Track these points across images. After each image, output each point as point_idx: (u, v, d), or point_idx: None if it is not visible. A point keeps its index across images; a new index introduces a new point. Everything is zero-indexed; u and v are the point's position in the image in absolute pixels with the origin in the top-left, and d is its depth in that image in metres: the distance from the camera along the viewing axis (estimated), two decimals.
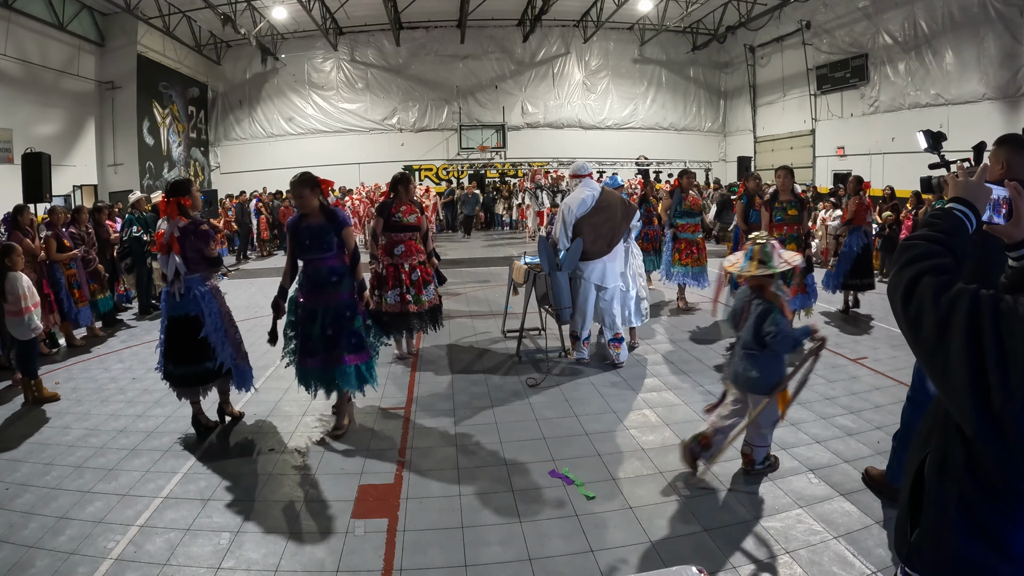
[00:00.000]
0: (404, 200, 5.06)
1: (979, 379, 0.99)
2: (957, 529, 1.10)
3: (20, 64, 11.98)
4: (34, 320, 4.60)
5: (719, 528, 2.80)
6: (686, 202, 7.12)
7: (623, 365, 5.15)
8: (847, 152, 15.55)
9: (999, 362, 0.97)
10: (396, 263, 5.03)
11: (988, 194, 1.23)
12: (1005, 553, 1.06)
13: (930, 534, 1.16)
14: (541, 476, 3.34)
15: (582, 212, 4.96)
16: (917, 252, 1.15)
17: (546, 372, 5.04)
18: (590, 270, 5.04)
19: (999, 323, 0.99)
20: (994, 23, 11.24)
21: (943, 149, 2.99)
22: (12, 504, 3.12)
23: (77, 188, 13.79)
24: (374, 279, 5.10)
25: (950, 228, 1.19)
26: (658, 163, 19.87)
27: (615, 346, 5.15)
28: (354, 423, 4.08)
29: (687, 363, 5.29)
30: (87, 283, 6.63)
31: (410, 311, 5.03)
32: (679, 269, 7.13)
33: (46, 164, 8.40)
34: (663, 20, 17.66)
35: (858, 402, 4.30)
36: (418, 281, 5.05)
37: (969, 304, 1.02)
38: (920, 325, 1.07)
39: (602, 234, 4.98)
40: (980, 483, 1.08)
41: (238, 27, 15.52)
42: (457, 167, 19.90)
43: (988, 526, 1.07)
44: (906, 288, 1.11)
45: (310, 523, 2.93)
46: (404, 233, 5.03)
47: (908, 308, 1.10)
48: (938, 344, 1.04)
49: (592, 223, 4.97)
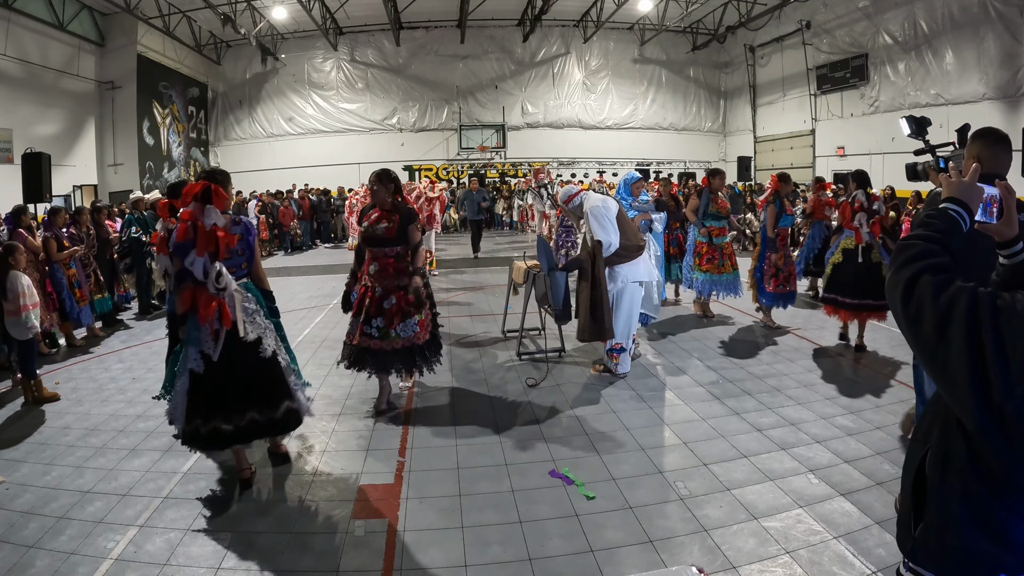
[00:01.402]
0: (377, 202, 4.06)
1: (980, 375, 1.00)
2: (961, 522, 1.12)
3: (20, 64, 11.99)
4: (31, 319, 4.60)
5: (719, 528, 2.80)
6: (714, 204, 6.63)
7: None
8: (847, 152, 15.55)
9: (999, 358, 0.98)
10: (371, 284, 4.05)
11: (981, 194, 1.25)
12: (1008, 544, 1.08)
13: (934, 528, 1.17)
14: (541, 476, 3.34)
15: (612, 216, 4.74)
16: (915, 252, 1.16)
17: (546, 372, 5.02)
18: (635, 271, 4.82)
19: (998, 319, 1.00)
20: (994, 23, 11.25)
21: (928, 134, 2.98)
22: (12, 504, 3.12)
23: (77, 188, 13.80)
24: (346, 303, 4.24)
25: (945, 228, 1.20)
26: (658, 163, 19.87)
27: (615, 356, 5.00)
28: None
29: (688, 363, 5.29)
30: (87, 282, 6.63)
31: (371, 347, 4.00)
32: (699, 275, 6.68)
33: (46, 164, 8.39)
34: (663, 20, 17.66)
35: (858, 402, 4.30)
36: (391, 310, 3.99)
37: (968, 301, 1.03)
38: (920, 323, 1.08)
39: (633, 230, 4.89)
40: (982, 476, 1.09)
41: (238, 27, 15.53)
42: (457, 167, 19.90)
43: (991, 518, 1.09)
44: (905, 287, 1.12)
45: (310, 523, 2.93)
46: (377, 247, 4.02)
47: (908, 307, 1.11)
48: (938, 342, 1.05)
49: (623, 223, 4.81)
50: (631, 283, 4.83)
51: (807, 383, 4.71)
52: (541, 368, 5.14)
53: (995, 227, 1.27)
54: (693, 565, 2.38)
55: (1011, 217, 1.26)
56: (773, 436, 3.76)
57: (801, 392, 4.52)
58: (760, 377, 4.86)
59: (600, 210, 4.72)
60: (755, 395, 4.47)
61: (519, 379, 4.93)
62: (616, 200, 4.99)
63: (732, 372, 5.01)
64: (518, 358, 5.45)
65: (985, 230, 1.28)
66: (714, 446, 3.66)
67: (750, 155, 18.57)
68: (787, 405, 4.27)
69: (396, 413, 4.29)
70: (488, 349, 5.83)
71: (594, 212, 4.73)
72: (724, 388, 4.64)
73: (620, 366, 4.93)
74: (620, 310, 4.82)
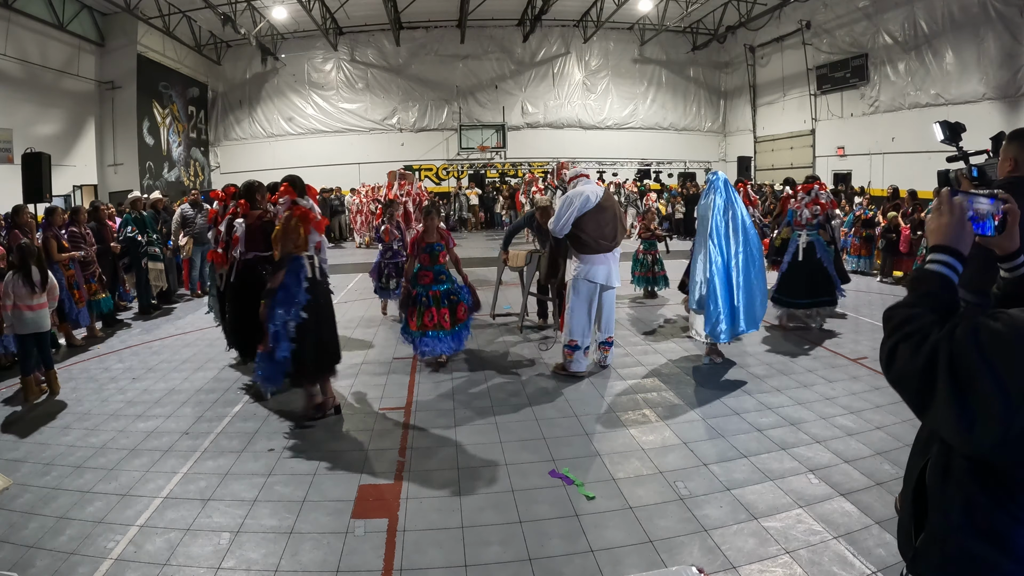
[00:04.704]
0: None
1: (974, 412, 1.01)
2: (961, 531, 1.12)
3: (20, 64, 11.99)
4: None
5: (719, 528, 2.80)
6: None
7: (609, 367, 5.14)
8: (847, 152, 15.55)
9: (996, 384, 0.99)
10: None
11: (970, 235, 1.23)
12: (1010, 553, 1.08)
13: (935, 538, 1.18)
14: (541, 476, 3.34)
15: (586, 209, 4.82)
16: (895, 322, 1.18)
17: (554, 340, 5.77)
18: (595, 271, 4.88)
19: (984, 352, 1.01)
20: (994, 23, 11.24)
21: (961, 140, 2.92)
22: (12, 504, 3.11)
23: (77, 188, 13.80)
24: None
25: (930, 290, 1.20)
26: (658, 163, 19.87)
27: (605, 349, 5.14)
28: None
29: (688, 363, 5.29)
30: (85, 283, 6.62)
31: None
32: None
33: (46, 164, 8.40)
34: (663, 20, 17.66)
35: (858, 402, 4.30)
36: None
37: (949, 347, 1.05)
38: (905, 387, 1.12)
39: (606, 232, 4.90)
40: (984, 486, 1.09)
41: (238, 27, 15.53)
42: (457, 167, 19.90)
43: (993, 526, 1.09)
44: (887, 358, 1.16)
45: (310, 523, 2.93)
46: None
47: (890, 374, 1.15)
48: (928, 395, 1.07)
49: (598, 219, 4.86)
50: (584, 280, 4.87)
51: (807, 383, 4.71)
52: (545, 339, 6.01)
53: (996, 240, 1.26)
54: (693, 565, 2.38)
55: (1012, 230, 1.25)
56: (773, 436, 3.76)
57: (801, 392, 4.52)
58: (760, 377, 4.86)
59: (572, 197, 4.84)
60: (755, 395, 4.47)
61: (519, 379, 4.94)
62: (613, 200, 5.11)
63: (732, 372, 5.01)
64: (520, 331, 6.32)
65: (986, 243, 1.27)
66: (714, 446, 3.66)
67: (750, 155, 18.59)
68: (787, 405, 4.27)
69: (396, 413, 4.30)
70: (488, 349, 5.83)
71: (568, 196, 4.90)
72: (724, 388, 4.64)
73: (573, 364, 4.95)
74: (573, 304, 4.92)
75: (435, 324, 5.01)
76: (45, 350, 4.79)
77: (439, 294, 5.08)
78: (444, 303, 5.06)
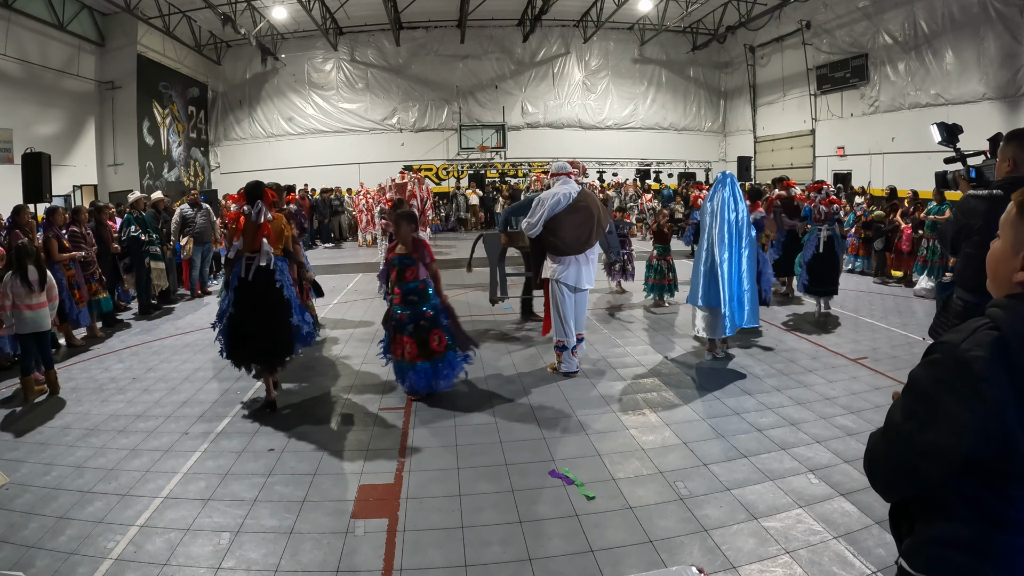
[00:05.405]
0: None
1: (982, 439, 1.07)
2: (942, 542, 1.16)
3: (20, 64, 11.98)
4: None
5: (719, 528, 2.80)
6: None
7: (578, 372, 5.03)
8: (847, 152, 15.54)
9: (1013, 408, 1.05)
10: None
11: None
12: (990, 558, 1.12)
13: (920, 540, 1.22)
14: (541, 476, 3.34)
15: (556, 210, 4.80)
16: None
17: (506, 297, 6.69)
18: (566, 273, 4.87)
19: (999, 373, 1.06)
20: (994, 23, 11.24)
21: (959, 142, 2.93)
22: (12, 504, 3.11)
23: (77, 188, 13.79)
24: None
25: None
26: (658, 163, 19.87)
27: (574, 351, 5.04)
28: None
29: (688, 363, 5.29)
30: (85, 283, 6.62)
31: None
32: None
33: (46, 164, 8.38)
34: (663, 20, 17.65)
35: (858, 402, 4.30)
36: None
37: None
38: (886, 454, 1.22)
39: (580, 234, 4.86)
40: (964, 493, 1.13)
41: (238, 27, 15.52)
42: (457, 167, 19.90)
43: (973, 536, 1.13)
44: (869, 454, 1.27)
45: (310, 523, 2.93)
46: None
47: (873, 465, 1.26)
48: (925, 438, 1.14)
49: (569, 220, 4.83)
50: (555, 281, 4.89)
51: (807, 383, 4.71)
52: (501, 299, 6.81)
53: None
54: (693, 565, 2.38)
55: None
56: (773, 436, 3.76)
57: (801, 392, 4.52)
58: (760, 377, 4.86)
59: (545, 198, 4.88)
60: (755, 395, 4.47)
61: (519, 379, 4.94)
62: (600, 201, 5.18)
63: (732, 372, 5.01)
64: (501, 299, 6.85)
65: None
66: (714, 446, 3.66)
67: (750, 155, 18.58)
68: (787, 405, 4.27)
69: (396, 413, 4.29)
70: (488, 350, 5.83)
71: (541, 197, 4.96)
72: (724, 388, 4.64)
73: (563, 364, 4.99)
74: (552, 304, 4.97)
75: (401, 355, 4.38)
76: (45, 350, 4.79)
77: (404, 318, 4.36)
78: (407, 330, 4.34)
